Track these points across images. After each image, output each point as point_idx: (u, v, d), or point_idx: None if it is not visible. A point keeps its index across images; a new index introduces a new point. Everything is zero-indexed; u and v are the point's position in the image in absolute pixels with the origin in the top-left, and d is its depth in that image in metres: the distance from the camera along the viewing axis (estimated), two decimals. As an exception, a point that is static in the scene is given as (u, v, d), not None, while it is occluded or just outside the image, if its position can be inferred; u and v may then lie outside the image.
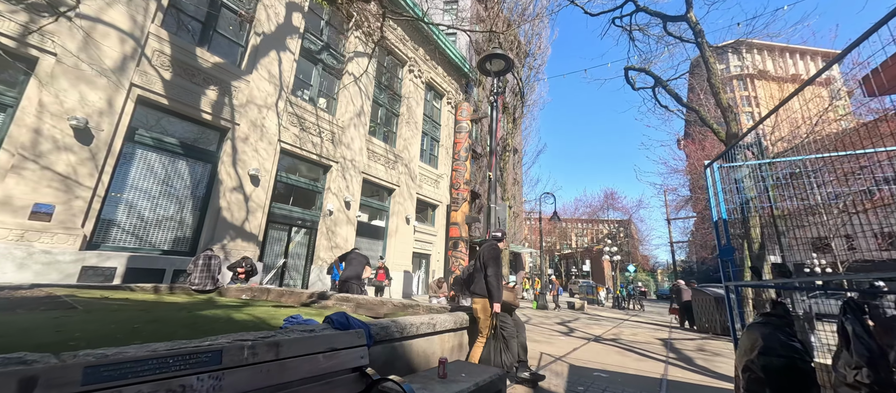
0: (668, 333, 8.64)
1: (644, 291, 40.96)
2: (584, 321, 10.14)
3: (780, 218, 8.16)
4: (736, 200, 3.75)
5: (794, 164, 5.12)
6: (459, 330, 3.14)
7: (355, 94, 13.16)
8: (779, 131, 13.40)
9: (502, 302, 3.51)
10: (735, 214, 4.31)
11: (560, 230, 54.52)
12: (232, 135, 9.12)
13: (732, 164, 2.99)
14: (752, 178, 3.99)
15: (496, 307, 3.10)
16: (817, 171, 4.58)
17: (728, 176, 3.39)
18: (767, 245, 7.91)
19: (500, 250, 3.39)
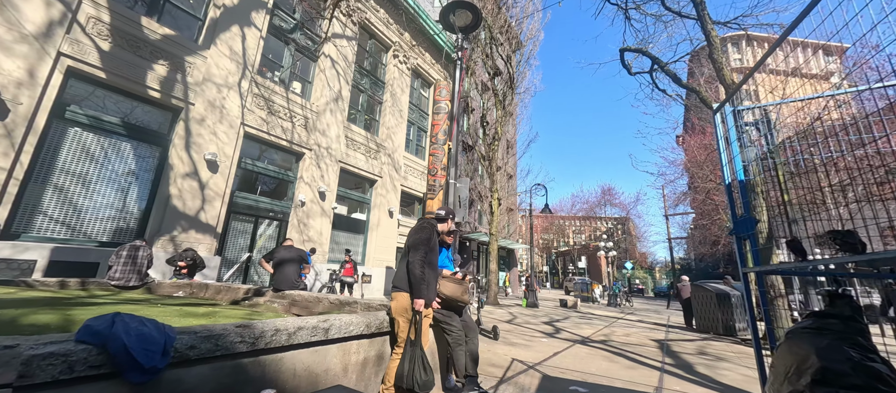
0: (664, 333, 7.85)
1: (641, 288, 40.31)
2: (574, 320, 9.34)
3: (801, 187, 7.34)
4: (751, 155, 2.93)
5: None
6: (377, 336, 2.33)
7: (332, 77, 12.30)
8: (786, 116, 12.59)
9: (447, 298, 2.69)
10: (754, 173, 3.45)
11: (557, 227, 53.84)
12: (185, 115, 8.26)
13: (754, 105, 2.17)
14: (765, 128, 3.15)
15: (417, 305, 2.30)
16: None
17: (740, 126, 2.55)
18: (778, 228, 7.10)
19: (434, 232, 2.58)
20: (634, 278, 41.96)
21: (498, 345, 5.14)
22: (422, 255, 2.42)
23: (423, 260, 2.42)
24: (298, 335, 1.68)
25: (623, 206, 39.26)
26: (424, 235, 2.53)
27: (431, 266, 2.51)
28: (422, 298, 2.35)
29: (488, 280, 13.42)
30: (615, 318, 10.95)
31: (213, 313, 2.75)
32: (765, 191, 7.46)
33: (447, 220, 2.81)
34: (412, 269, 2.37)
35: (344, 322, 1.98)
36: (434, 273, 2.52)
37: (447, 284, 2.67)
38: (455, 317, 2.75)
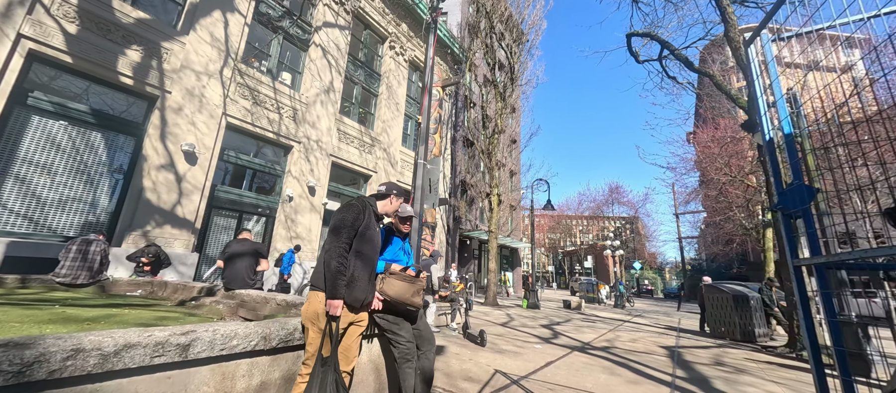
0: (675, 338, 7.16)
1: (650, 289, 39.17)
2: (576, 323, 8.68)
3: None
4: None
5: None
6: (286, 351, 1.76)
7: (324, 67, 11.81)
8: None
9: (393, 300, 2.11)
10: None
11: (563, 226, 52.84)
12: (161, 104, 7.82)
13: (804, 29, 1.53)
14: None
15: (331, 307, 1.72)
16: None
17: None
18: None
19: (367, 213, 2.00)
20: (643, 279, 40.83)
21: (483, 352, 4.55)
22: (342, 241, 1.84)
23: (345, 247, 1.85)
24: (126, 357, 1.13)
25: (631, 204, 38.20)
26: (349, 215, 1.95)
27: (362, 257, 1.93)
28: (337, 299, 1.76)
29: (487, 280, 12.80)
30: (621, 320, 10.24)
31: (111, 317, 2.21)
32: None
33: (388, 197, 2.25)
34: (327, 258, 1.80)
35: (223, 334, 1.42)
36: (366, 266, 1.95)
37: (393, 282, 2.09)
38: (405, 325, 2.17)
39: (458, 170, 18.59)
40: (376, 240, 2.06)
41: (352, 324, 1.89)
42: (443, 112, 8.50)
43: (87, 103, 7.10)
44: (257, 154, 10.10)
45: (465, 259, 19.51)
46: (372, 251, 2.03)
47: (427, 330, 2.31)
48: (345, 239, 1.89)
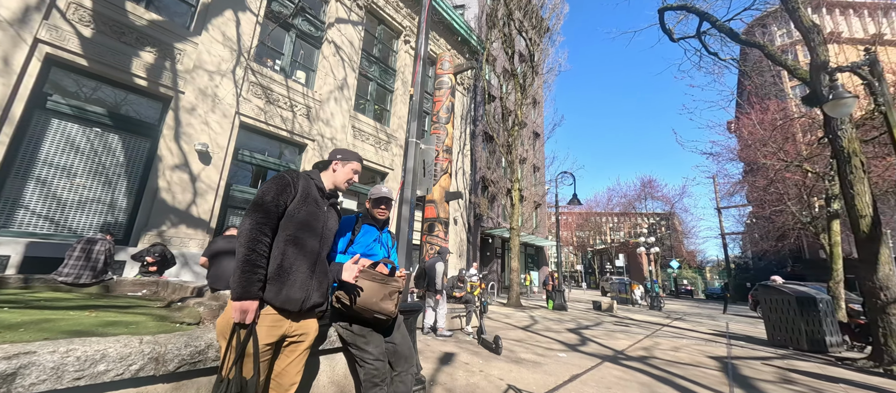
0: (726, 347, 6.23)
1: (690, 290, 36.55)
2: (607, 327, 7.88)
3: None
4: None
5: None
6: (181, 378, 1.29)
7: (337, 64, 11.64)
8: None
9: (362, 307, 1.63)
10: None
11: (592, 224, 50.68)
12: (175, 104, 7.86)
13: None
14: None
15: (238, 312, 1.28)
16: None
17: None
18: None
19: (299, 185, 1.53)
20: (682, 278, 38.17)
21: (497, 362, 4.00)
22: (256, 221, 1.38)
23: (259, 230, 1.36)
24: None
25: (666, 199, 35.78)
26: (270, 189, 1.49)
27: (298, 245, 1.46)
28: (245, 299, 1.28)
29: (510, 280, 12.13)
30: (659, 325, 9.27)
31: (39, 324, 1.89)
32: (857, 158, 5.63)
33: (331, 165, 1.75)
34: (238, 246, 1.36)
35: (80, 357, 1.00)
36: (305, 257, 1.48)
37: (368, 281, 1.62)
38: (374, 338, 1.68)
39: (478, 166, 17.98)
40: (319, 223, 1.60)
41: (287, 337, 1.44)
42: (455, 101, 7.99)
43: (104, 105, 7.22)
44: (271, 153, 10.05)
45: (488, 258, 18.87)
46: (313, 238, 1.55)
47: (405, 344, 1.81)
48: (260, 219, 1.41)
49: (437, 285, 5.28)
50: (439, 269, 5.38)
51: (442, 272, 5.39)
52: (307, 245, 1.52)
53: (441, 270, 5.35)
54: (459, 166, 16.69)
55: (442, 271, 5.40)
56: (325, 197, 1.71)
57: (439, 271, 5.36)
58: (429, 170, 3.04)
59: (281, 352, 1.45)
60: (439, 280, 5.29)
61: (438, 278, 5.30)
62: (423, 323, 5.43)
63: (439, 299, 5.35)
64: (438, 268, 5.38)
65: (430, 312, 5.42)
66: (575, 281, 63.35)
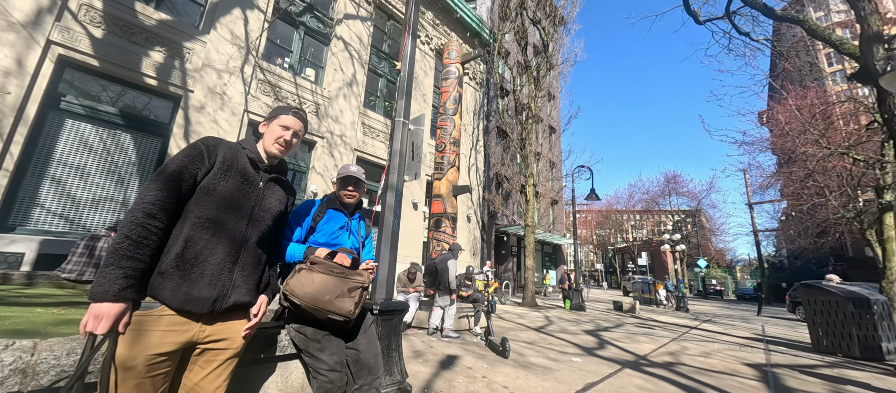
0: (764, 353, 5.63)
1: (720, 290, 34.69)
2: (628, 330, 7.36)
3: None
4: None
5: None
6: None
7: (345, 60, 11.54)
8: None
9: (304, 301, 1.35)
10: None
11: (613, 222, 49.06)
12: (184, 103, 7.90)
13: None
14: None
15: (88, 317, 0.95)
16: None
17: None
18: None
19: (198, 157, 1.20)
20: (710, 278, 36.27)
21: (503, 367, 3.66)
22: (150, 196, 1.10)
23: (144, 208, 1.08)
24: None
25: (693, 194, 34.06)
26: (177, 159, 1.20)
27: (213, 227, 1.17)
28: (103, 302, 0.97)
29: (525, 278, 11.69)
30: (686, 327, 8.63)
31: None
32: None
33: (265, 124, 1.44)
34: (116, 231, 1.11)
35: None
36: (220, 241, 1.18)
37: (308, 276, 1.34)
38: (331, 343, 1.39)
39: (492, 162, 17.56)
40: (249, 202, 1.29)
41: (198, 344, 1.16)
42: (465, 93, 7.67)
43: (116, 105, 7.32)
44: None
45: (503, 256, 18.42)
46: (238, 219, 1.24)
47: (370, 352, 1.52)
48: (152, 195, 1.10)
49: (452, 284, 4.97)
50: (451, 267, 5.07)
51: (454, 270, 5.09)
52: (227, 229, 1.22)
53: (453, 268, 5.04)
54: (472, 163, 16.34)
55: (454, 269, 5.09)
56: (260, 170, 1.39)
57: (452, 269, 5.05)
58: (417, 153, 2.75)
59: (191, 363, 1.17)
60: (453, 279, 4.98)
61: (451, 277, 5.00)
62: (430, 323, 5.14)
63: (453, 299, 5.05)
64: (451, 266, 5.07)
65: (438, 312, 5.13)
66: (595, 280, 61.56)
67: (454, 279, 4.97)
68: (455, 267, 5.09)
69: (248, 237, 1.29)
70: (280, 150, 1.43)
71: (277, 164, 1.48)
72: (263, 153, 1.43)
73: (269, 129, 1.45)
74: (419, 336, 4.93)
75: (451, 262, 5.13)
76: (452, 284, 4.96)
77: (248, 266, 1.28)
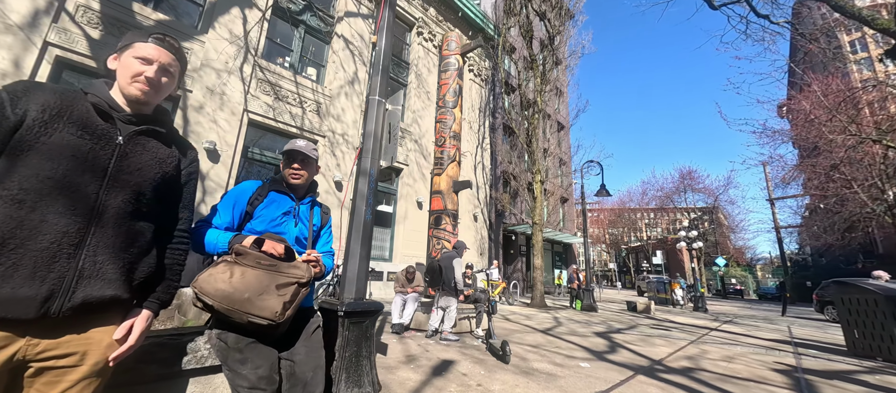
0: (793, 357, 5.17)
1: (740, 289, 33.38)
2: (643, 332, 6.94)
3: None
4: None
5: None
6: None
7: (346, 59, 11.39)
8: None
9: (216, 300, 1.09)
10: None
11: (626, 220, 47.95)
12: (183, 103, 7.84)
13: None
14: None
15: None
16: None
17: None
18: None
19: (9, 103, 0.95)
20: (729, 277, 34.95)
21: (502, 373, 3.35)
22: None
23: None
24: None
25: (709, 191, 32.86)
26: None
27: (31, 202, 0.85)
28: None
29: (533, 278, 11.31)
30: (706, 328, 8.13)
31: None
32: None
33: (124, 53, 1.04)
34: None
35: None
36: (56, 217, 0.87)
37: (226, 270, 1.08)
38: (256, 353, 1.12)
39: (499, 161, 17.21)
40: (101, 161, 0.96)
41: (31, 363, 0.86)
42: (464, 85, 7.40)
43: (115, 107, 7.30)
44: (282, 150, 9.89)
45: (512, 256, 18.02)
46: (86, 183, 0.93)
47: (308, 363, 1.24)
48: None
49: (459, 285, 4.69)
50: (457, 266, 4.78)
51: (460, 270, 4.80)
52: (61, 199, 0.89)
53: (459, 267, 4.75)
54: (479, 160, 16.02)
55: (460, 269, 4.80)
56: (118, 121, 1.04)
57: (457, 268, 4.77)
58: (394, 135, 2.49)
59: (26, 387, 0.88)
60: (459, 278, 4.70)
61: (457, 276, 4.71)
62: (429, 325, 4.87)
63: (461, 300, 4.77)
64: (456, 265, 4.78)
65: (437, 313, 4.85)
66: (608, 280, 60.25)
67: (461, 279, 4.68)
68: (461, 266, 4.80)
69: (105, 207, 0.96)
70: (142, 90, 1.05)
71: (153, 113, 1.12)
72: (122, 98, 1.07)
73: (122, 65, 1.06)
74: (417, 339, 4.66)
75: (457, 260, 4.84)
76: (459, 283, 4.67)
77: (107, 248, 0.95)
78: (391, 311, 5.14)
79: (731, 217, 34.38)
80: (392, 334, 4.89)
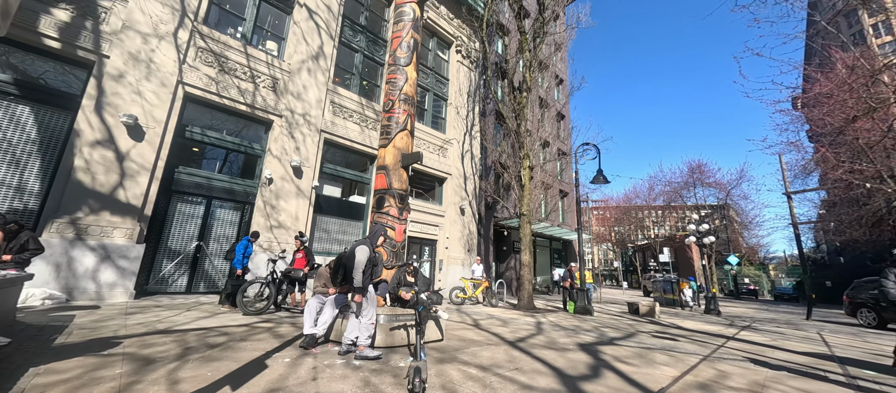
0: (845, 381, 3.79)
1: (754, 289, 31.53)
2: (642, 342, 5.61)
3: None
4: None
5: None
6: None
7: (310, 31, 10.17)
8: None
9: None
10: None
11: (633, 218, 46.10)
12: (98, 71, 6.68)
13: None
14: None
15: None
16: None
17: None
18: None
19: None
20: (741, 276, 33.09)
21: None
22: None
23: None
24: None
25: (720, 185, 31.01)
26: None
27: None
28: None
29: (520, 276, 9.99)
30: (721, 337, 6.75)
31: None
32: None
33: None
34: None
35: None
36: None
37: None
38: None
39: (489, 150, 15.88)
40: None
41: None
42: (419, 37, 6.08)
43: (12, 73, 6.17)
44: (231, 131, 8.72)
45: (504, 254, 16.68)
46: None
47: None
48: None
49: (355, 281, 3.45)
50: (360, 256, 3.54)
51: (365, 261, 3.55)
52: None
53: (363, 258, 3.51)
54: (467, 149, 14.72)
55: (364, 259, 3.55)
56: None
57: (359, 259, 3.52)
58: None
59: None
60: (358, 274, 3.46)
61: (357, 271, 3.47)
62: (343, 337, 3.62)
63: (360, 302, 3.52)
64: (359, 254, 3.54)
65: (353, 321, 3.60)
66: (614, 280, 58.32)
67: (359, 274, 3.43)
68: (366, 254, 3.55)
69: None
70: None
71: None
72: None
73: None
74: (326, 357, 3.41)
75: (361, 248, 3.59)
76: (357, 279, 3.42)
77: None
78: (304, 317, 3.90)
79: (744, 213, 32.51)
80: (299, 348, 3.65)
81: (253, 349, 3.55)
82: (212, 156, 8.46)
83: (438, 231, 13.13)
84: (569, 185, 21.61)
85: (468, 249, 13.84)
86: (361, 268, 3.47)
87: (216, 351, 3.38)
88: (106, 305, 5.81)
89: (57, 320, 4.47)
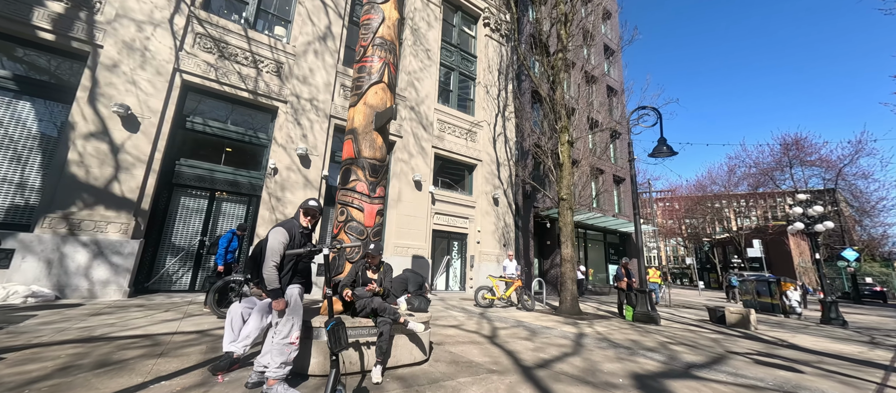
0: None
1: (882, 291, 24.97)
2: (740, 371, 3.74)
3: None
4: None
5: None
6: None
7: (317, 10, 9.46)
8: None
9: None
10: None
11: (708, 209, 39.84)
12: (92, 61, 6.48)
13: None
14: None
15: None
16: None
17: None
18: None
19: None
20: (862, 274, 26.44)
21: None
22: None
23: None
24: None
25: (827, 162, 25.07)
26: None
27: None
28: None
29: (561, 274, 8.23)
30: (866, 365, 4.48)
31: None
32: None
33: None
34: None
35: None
36: None
37: None
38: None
39: (525, 132, 14.05)
40: None
41: None
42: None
43: (9, 68, 6.15)
44: (235, 120, 8.26)
45: (548, 249, 14.72)
46: None
47: None
48: None
49: (267, 279, 2.28)
50: (273, 241, 2.36)
51: (279, 249, 2.36)
52: None
53: (277, 244, 2.32)
54: (499, 132, 13.11)
55: (279, 247, 2.34)
56: None
57: (272, 246, 2.35)
58: None
59: None
60: (268, 268, 2.28)
61: (267, 265, 2.30)
62: (256, 362, 2.49)
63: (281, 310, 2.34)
64: (272, 238, 2.37)
65: (268, 339, 2.45)
66: (688, 279, 51.32)
67: (270, 267, 2.24)
68: (281, 238, 2.34)
69: None
70: None
71: None
72: None
73: None
74: (229, 389, 2.31)
75: (276, 231, 2.39)
76: (267, 275, 2.25)
77: None
78: (224, 328, 2.85)
79: (863, 196, 26.02)
80: (208, 372, 2.60)
81: (146, 372, 2.59)
82: (214, 147, 8.05)
83: (469, 224, 11.75)
84: (624, 170, 18.74)
85: (504, 244, 12.25)
86: (275, 258, 2.29)
87: (92, 374, 2.47)
88: (91, 303, 5.43)
89: (12, 319, 4.01)
